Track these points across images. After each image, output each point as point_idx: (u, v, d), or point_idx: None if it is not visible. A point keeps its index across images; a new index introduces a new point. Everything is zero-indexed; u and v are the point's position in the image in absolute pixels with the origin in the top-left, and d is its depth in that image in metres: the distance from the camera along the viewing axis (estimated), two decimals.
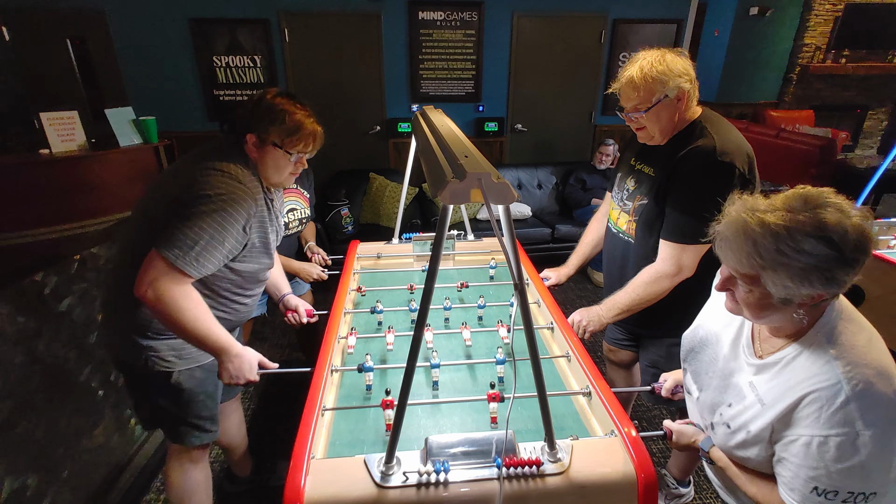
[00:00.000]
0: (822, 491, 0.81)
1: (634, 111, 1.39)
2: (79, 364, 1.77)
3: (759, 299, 0.83)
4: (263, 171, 1.34)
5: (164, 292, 1.16)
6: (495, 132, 4.71)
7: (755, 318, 0.88)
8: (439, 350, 1.51)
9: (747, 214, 0.80)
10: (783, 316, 0.85)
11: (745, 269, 0.82)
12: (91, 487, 1.81)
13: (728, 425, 0.98)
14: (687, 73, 1.35)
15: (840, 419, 0.78)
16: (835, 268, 0.76)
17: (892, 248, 2.35)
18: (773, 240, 0.77)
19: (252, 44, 4.18)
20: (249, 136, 1.28)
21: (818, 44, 6.39)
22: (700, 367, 1.10)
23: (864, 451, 0.77)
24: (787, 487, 0.87)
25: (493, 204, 0.78)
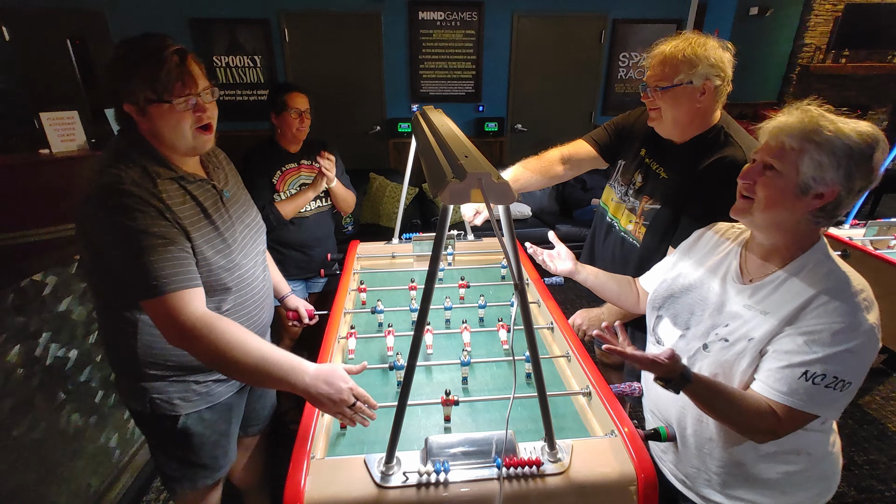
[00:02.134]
0: (811, 375, 0.88)
1: (654, 88, 1.31)
2: (79, 364, 1.77)
3: (783, 183, 0.90)
4: (165, 139, 1.08)
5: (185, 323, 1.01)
6: (495, 132, 4.71)
7: (767, 208, 0.93)
8: (439, 350, 1.51)
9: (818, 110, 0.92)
10: (788, 215, 0.91)
11: (794, 143, 0.89)
12: (91, 487, 1.81)
13: (726, 339, 0.99)
14: (722, 69, 1.26)
15: (847, 309, 0.87)
16: (861, 165, 0.86)
17: (892, 248, 2.35)
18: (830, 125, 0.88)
19: (252, 44, 4.18)
20: (128, 108, 1.04)
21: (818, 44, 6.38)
22: (682, 308, 1.09)
23: (860, 339, 0.86)
24: (773, 378, 0.91)
25: (493, 204, 0.78)
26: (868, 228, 2.40)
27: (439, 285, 1.94)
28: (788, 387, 0.89)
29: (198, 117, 1.09)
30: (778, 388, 0.91)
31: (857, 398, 2.62)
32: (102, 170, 1.03)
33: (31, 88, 3.96)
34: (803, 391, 0.88)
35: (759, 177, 0.94)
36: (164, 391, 1.21)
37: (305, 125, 2.09)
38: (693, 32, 1.30)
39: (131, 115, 1.05)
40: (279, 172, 2.10)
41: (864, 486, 2.08)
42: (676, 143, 1.41)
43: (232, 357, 1.02)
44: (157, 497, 1.99)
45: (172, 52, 1.04)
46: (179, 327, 1.01)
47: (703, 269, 1.11)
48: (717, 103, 1.33)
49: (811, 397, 0.88)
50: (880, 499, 2.03)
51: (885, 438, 2.35)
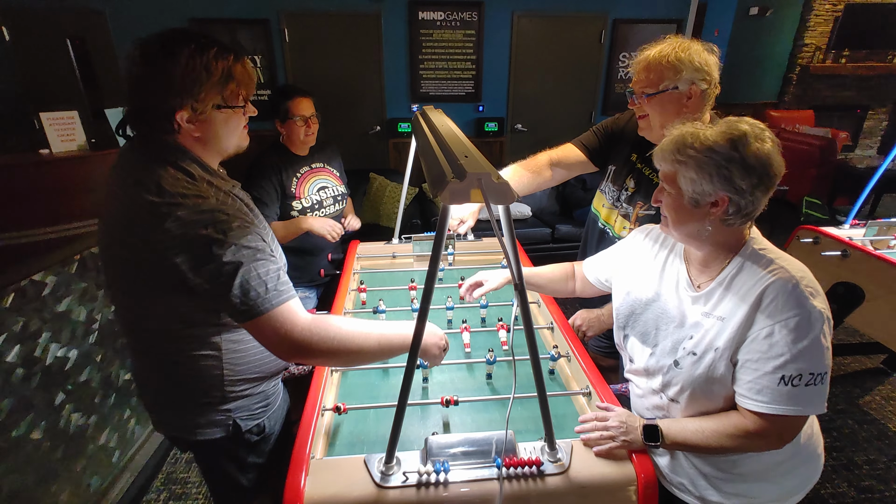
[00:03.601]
0: (788, 379, 0.88)
1: (640, 94, 1.31)
2: (79, 364, 1.77)
3: (676, 201, 0.96)
4: (216, 144, 1.02)
5: (302, 330, 0.96)
6: (495, 132, 4.71)
7: (676, 225, 0.98)
8: None
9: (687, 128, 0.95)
10: (698, 227, 0.95)
11: (667, 166, 0.95)
12: (91, 487, 1.81)
13: (694, 353, 0.99)
14: (707, 73, 1.25)
15: (794, 301, 0.89)
16: (733, 169, 0.88)
17: (892, 248, 2.35)
18: (692, 140, 0.91)
19: (252, 44, 4.18)
20: (180, 115, 0.94)
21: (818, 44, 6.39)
22: (647, 325, 1.11)
23: (817, 327, 0.88)
24: (753, 391, 0.92)
25: (493, 204, 0.78)
26: (868, 228, 2.40)
27: (440, 285, 1.94)
28: (771, 395, 0.90)
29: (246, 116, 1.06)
30: (761, 399, 0.91)
31: (857, 398, 2.62)
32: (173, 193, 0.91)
33: (31, 88, 3.96)
34: (787, 395, 0.89)
35: (661, 196, 1.00)
36: (246, 406, 1.14)
37: (314, 130, 2.00)
38: (677, 36, 1.29)
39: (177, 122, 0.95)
40: (295, 179, 2.00)
41: (864, 487, 2.08)
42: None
43: (356, 348, 1.02)
44: (157, 497, 2.00)
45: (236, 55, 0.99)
46: (300, 340, 0.96)
47: (655, 280, 1.12)
48: (705, 107, 1.31)
49: (796, 399, 0.89)
50: (880, 499, 2.03)
51: (885, 438, 2.35)
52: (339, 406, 1.17)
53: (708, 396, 1.00)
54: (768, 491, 1.06)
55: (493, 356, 1.35)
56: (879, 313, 2.20)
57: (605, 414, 1.09)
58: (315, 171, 2.07)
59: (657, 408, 1.12)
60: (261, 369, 1.13)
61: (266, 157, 1.98)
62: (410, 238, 2.16)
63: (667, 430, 1.01)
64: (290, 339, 0.95)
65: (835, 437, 2.35)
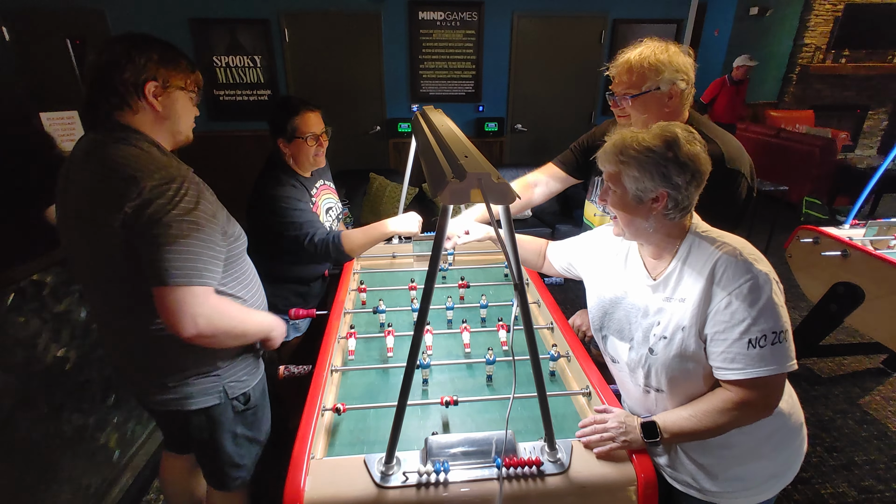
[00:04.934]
0: (755, 341, 0.93)
1: (623, 96, 1.35)
2: (79, 364, 1.77)
3: (621, 199, 1.02)
4: (172, 124, 1.14)
5: (209, 314, 1.04)
6: (495, 132, 4.71)
7: (625, 224, 1.05)
8: (440, 350, 1.51)
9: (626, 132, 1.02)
10: (644, 224, 1.02)
11: (612, 167, 1.01)
12: (91, 487, 1.81)
13: (665, 336, 1.03)
14: (686, 73, 1.30)
15: (742, 269, 0.95)
16: (669, 166, 0.95)
17: (892, 248, 2.35)
18: (632, 142, 0.98)
19: (252, 44, 4.18)
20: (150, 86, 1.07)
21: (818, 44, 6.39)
22: (621, 322, 1.14)
23: (768, 288, 0.94)
24: (727, 360, 0.96)
25: (493, 204, 0.78)
26: (868, 228, 2.40)
27: (441, 285, 1.94)
28: (744, 361, 0.94)
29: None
30: (736, 367, 0.95)
31: (857, 398, 2.62)
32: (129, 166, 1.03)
33: (31, 88, 3.96)
34: (758, 357, 0.94)
35: (607, 197, 1.06)
36: (234, 374, 1.25)
37: (324, 147, 1.79)
38: (652, 39, 1.33)
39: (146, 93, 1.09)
40: (311, 202, 1.82)
41: (864, 486, 2.08)
42: None
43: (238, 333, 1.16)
44: (158, 497, 1.99)
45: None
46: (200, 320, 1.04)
47: (618, 278, 1.17)
48: (684, 105, 1.35)
49: (766, 359, 0.93)
50: (880, 499, 2.03)
51: (885, 438, 2.35)
52: (339, 407, 1.17)
53: (686, 376, 1.02)
54: (764, 469, 1.08)
55: (492, 356, 1.35)
56: (879, 313, 2.20)
57: (603, 416, 1.09)
58: (319, 190, 1.91)
59: (647, 410, 1.14)
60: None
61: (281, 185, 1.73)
62: (410, 238, 2.16)
63: (664, 424, 1.03)
64: (190, 314, 1.02)
65: (835, 437, 2.35)
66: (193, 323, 1.02)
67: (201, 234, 1.03)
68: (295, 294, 1.92)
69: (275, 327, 1.30)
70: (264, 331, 1.26)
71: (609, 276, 1.20)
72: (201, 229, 1.03)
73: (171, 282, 0.99)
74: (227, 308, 1.12)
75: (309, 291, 1.97)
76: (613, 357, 1.18)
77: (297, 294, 1.93)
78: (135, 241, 1.01)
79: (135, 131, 1.08)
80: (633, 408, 1.21)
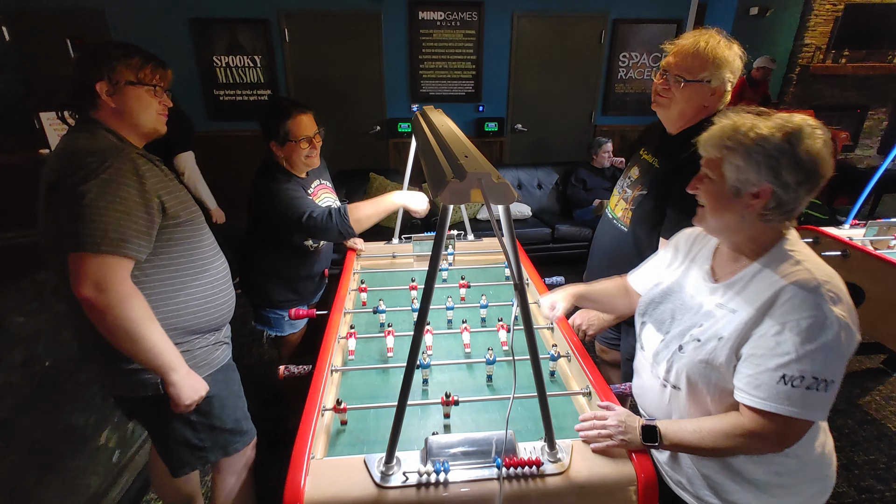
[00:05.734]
0: (789, 378, 0.86)
1: (676, 77, 1.32)
2: (79, 364, 1.77)
3: (716, 189, 0.94)
4: (132, 119, 1.19)
5: (110, 289, 1.05)
6: (495, 132, 4.71)
7: (713, 213, 0.96)
8: (441, 350, 1.51)
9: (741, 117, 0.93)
10: (735, 218, 0.94)
11: (714, 151, 0.93)
12: (91, 487, 1.81)
13: (698, 339, 0.99)
14: (737, 73, 1.31)
15: (810, 304, 0.86)
16: (782, 160, 0.87)
17: (892, 248, 2.35)
18: (745, 129, 0.90)
19: (252, 44, 4.18)
20: (100, 85, 1.14)
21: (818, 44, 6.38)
22: (664, 314, 1.10)
23: (830, 333, 0.84)
24: (752, 386, 0.90)
25: (493, 204, 0.78)
26: (868, 228, 2.40)
27: (441, 285, 1.94)
28: (768, 392, 0.88)
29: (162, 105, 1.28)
30: (758, 395, 0.89)
31: (857, 398, 2.62)
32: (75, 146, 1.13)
33: (31, 88, 3.96)
34: (784, 396, 0.86)
35: (700, 185, 0.98)
36: None
37: (318, 148, 1.80)
38: (718, 31, 1.32)
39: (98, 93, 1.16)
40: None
41: (864, 486, 2.08)
42: (672, 134, 1.44)
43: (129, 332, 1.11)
44: (157, 497, 1.99)
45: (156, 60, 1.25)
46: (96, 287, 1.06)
47: (680, 273, 1.13)
48: (721, 104, 1.36)
49: (794, 401, 0.86)
50: (880, 499, 2.03)
51: (885, 438, 2.35)
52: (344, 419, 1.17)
53: (705, 383, 0.98)
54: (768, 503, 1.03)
55: (492, 356, 1.35)
56: (879, 313, 2.20)
57: (604, 413, 1.09)
58: (316, 190, 1.91)
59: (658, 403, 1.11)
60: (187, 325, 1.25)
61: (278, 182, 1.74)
62: (410, 238, 2.17)
63: (665, 431, 1.01)
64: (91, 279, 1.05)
65: (835, 437, 2.32)
66: (91, 286, 1.05)
67: (122, 204, 1.06)
68: (292, 291, 1.94)
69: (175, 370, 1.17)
70: (162, 364, 1.16)
71: (672, 269, 1.16)
72: (123, 201, 1.07)
73: (76, 248, 1.04)
74: (136, 301, 1.10)
75: (306, 288, 1.99)
76: (643, 344, 1.16)
77: (294, 291, 1.95)
78: (57, 205, 1.07)
79: (93, 121, 1.17)
80: (643, 398, 1.19)
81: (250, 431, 1.49)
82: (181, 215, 1.22)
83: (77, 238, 1.04)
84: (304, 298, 2.00)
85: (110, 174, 1.06)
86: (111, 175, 1.06)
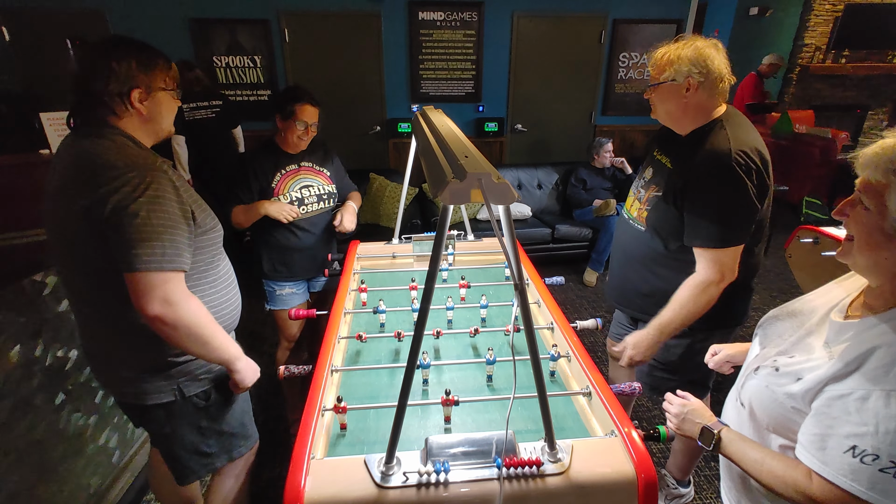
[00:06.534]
0: (859, 452, 0.75)
1: (649, 85, 1.48)
2: (79, 364, 1.77)
3: (873, 221, 0.78)
4: (156, 123, 1.20)
5: (178, 301, 1.08)
6: (495, 132, 4.71)
7: (864, 250, 0.81)
8: (441, 350, 1.51)
9: None
10: (888, 257, 0.79)
11: (878, 176, 0.77)
12: (91, 487, 1.81)
13: (777, 368, 0.91)
14: (703, 66, 1.35)
15: None
16: None
17: None
18: None
19: (252, 44, 4.18)
20: (136, 93, 1.13)
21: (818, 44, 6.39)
22: (775, 330, 1.02)
23: None
24: (815, 446, 0.80)
25: (493, 204, 0.78)
26: None
27: (441, 285, 1.94)
28: (831, 459, 0.77)
29: None
30: (820, 458, 0.79)
31: None
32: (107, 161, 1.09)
33: (31, 88, 3.96)
34: (849, 469, 0.75)
35: (851, 211, 0.83)
36: (189, 372, 1.27)
37: (309, 137, 2.03)
38: (693, 35, 1.41)
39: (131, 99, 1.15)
40: (279, 175, 2.01)
41: None
42: (682, 136, 1.49)
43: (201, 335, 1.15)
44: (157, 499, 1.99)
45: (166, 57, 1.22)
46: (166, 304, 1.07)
47: (819, 301, 1.00)
48: (711, 98, 1.39)
49: (858, 476, 0.75)
50: None
51: None
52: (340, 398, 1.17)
53: (766, 416, 0.93)
54: None
55: (492, 356, 1.35)
56: None
57: (673, 398, 1.12)
58: (303, 169, 2.08)
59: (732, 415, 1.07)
60: None
61: (254, 152, 2.04)
62: (410, 238, 2.17)
63: (726, 443, 0.96)
64: (158, 297, 1.06)
65: None
66: (160, 303, 1.06)
67: (170, 219, 1.08)
68: (282, 263, 2.11)
69: (239, 359, 1.27)
70: (229, 356, 1.24)
71: (815, 293, 1.05)
72: (168, 216, 1.08)
73: (141, 267, 1.03)
74: (197, 307, 1.13)
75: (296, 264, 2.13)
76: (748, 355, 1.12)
77: (283, 264, 2.11)
78: (102, 230, 1.04)
79: (111, 126, 1.13)
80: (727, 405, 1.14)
81: (253, 435, 1.50)
82: (207, 223, 1.23)
83: (138, 258, 1.03)
84: (294, 275, 2.15)
85: (155, 190, 1.06)
86: (155, 191, 1.06)
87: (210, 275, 1.27)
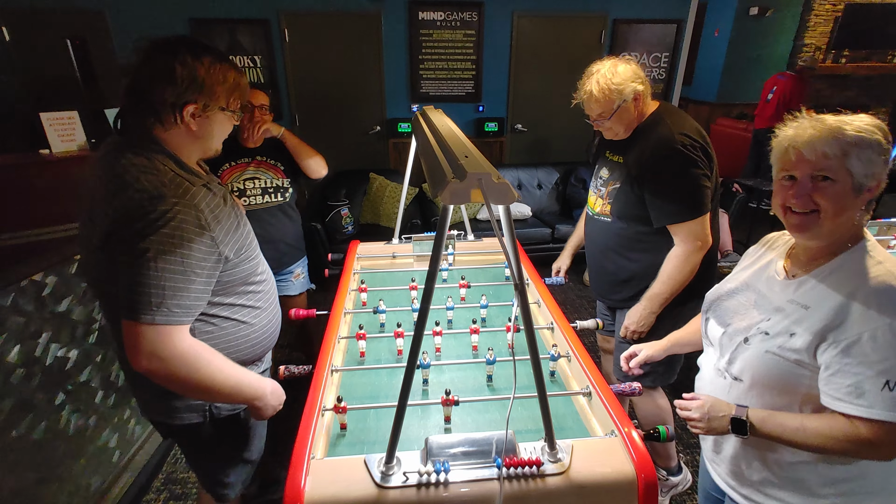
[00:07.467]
0: (894, 384, 0.84)
1: (599, 118, 1.60)
2: (79, 364, 1.77)
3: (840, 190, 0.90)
4: (205, 142, 1.10)
5: (169, 357, 0.97)
6: (495, 132, 4.70)
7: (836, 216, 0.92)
8: (443, 349, 1.51)
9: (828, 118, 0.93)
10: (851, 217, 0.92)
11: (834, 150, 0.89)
12: (91, 487, 1.81)
13: (766, 332, 0.98)
14: (638, 76, 1.54)
15: None
16: (885, 153, 0.89)
17: (892, 247, 2.34)
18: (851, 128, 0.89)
19: (252, 44, 4.18)
20: (189, 108, 1.02)
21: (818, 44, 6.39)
22: (727, 310, 1.11)
23: None
24: (853, 395, 0.87)
25: (493, 204, 0.78)
26: (868, 228, 2.39)
27: (441, 285, 1.94)
28: (873, 399, 0.85)
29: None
30: (862, 403, 0.86)
31: None
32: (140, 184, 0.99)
33: (31, 88, 3.96)
34: (891, 401, 0.84)
35: (812, 191, 0.93)
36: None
37: (257, 124, 1.98)
38: (600, 62, 1.58)
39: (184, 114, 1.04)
40: (226, 166, 2.01)
41: None
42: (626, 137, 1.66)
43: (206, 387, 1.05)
44: (157, 497, 1.99)
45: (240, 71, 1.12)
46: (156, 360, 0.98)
47: (749, 273, 1.12)
48: (647, 98, 1.59)
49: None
50: None
51: None
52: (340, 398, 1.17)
53: (772, 378, 0.97)
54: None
55: (493, 356, 1.35)
56: None
57: (687, 404, 1.08)
58: (256, 163, 2.04)
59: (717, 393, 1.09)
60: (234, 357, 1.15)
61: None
62: (410, 238, 2.17)
63: (759, 424, 0.98)
64: (146, 352, 0.96)
65: None
66: (147, 360, 0.96)
67: (182, 264, 0.96)
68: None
69: (265, 394, 1.16)
70: (243, 399, 1.13)
71: (741, 271, 1.16)
72: (185, 259, 0.96)
73: (135, 317, 0.94)
74: (197, 359, 1.01)
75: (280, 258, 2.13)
76: (709, 341, 1.16)
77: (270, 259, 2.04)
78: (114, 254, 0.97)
79: (155, 142, 1.03)
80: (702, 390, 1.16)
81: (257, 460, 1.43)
82: (242, 253, 1.12)
83: (132, 304, 0.94)
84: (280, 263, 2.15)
85: (172, 228, 0.95)
86: (173, 229, 0.95)
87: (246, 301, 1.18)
